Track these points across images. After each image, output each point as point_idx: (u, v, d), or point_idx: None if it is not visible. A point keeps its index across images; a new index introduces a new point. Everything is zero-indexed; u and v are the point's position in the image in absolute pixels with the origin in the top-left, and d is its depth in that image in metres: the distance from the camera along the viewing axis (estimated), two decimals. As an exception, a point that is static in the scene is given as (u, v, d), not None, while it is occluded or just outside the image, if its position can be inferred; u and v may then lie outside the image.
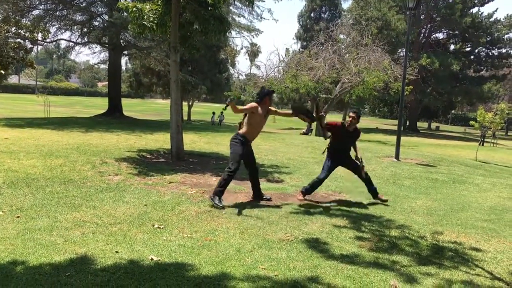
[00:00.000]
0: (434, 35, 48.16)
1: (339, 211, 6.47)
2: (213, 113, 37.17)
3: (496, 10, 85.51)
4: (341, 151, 7.24)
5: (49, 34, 24.55)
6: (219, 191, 6.31)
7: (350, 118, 7.07)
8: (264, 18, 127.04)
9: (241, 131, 6.60)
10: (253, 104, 6.57)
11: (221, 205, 6.15)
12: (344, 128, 7.11)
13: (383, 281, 3.96)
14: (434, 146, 28.59)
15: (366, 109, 76.18)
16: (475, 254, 4.93)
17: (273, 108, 6.92)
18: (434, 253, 4.88)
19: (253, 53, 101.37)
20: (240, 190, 7.50)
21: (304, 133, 30.58)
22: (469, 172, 11.78)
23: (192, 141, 13.85)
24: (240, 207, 6.31)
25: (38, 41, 26.15)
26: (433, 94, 45.61)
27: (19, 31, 24.09)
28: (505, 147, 32.96)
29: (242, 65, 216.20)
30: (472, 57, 47.23)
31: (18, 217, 5.18)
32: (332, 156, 7.26)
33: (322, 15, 52.41)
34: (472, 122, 23.16)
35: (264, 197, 6.90)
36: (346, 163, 7.28)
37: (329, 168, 7.25)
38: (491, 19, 44.52)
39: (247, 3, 20.67)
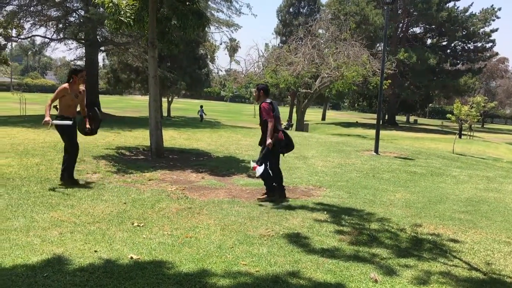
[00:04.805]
0: (411, 30, 48.69)
1: (319, 205, 6.50)
2: (201, 106, 37.04)
3: (471, 4, 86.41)
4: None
5: (24, 30, 24.00)
6: (66, 173, 6.81)
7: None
8: (243, 13, 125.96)
9: (59, 113, 6.85)
10: (61, 87, 6.86)
11: (73, 180, 6.80)
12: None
13: (363, 274, 4.00)
14: (412, 139, 28.98)
15: (346, 104, 76.76)
16: (453, 245, 5.01)
17: (82, 88, 7.05)
18: (413, 245, 4.94)
19: (233, 48, 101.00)
20: (221, 187, 7.47)
21: (285, 128, 30.64)
22: (446, 164, 11.96)
23: (172, 138, 13.75)
24: (221, 203, 6.29)
25: (12, 38, 25.53)
26: (411, 88, 46.14)
27: (-8, 27, 23.54)
28: (482, 140, 33.62)
29: (221, 61, 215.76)
30: (448, 51, 47.96)
31: (-7, 217, 5.07)
32: None
33: (301, 10, 52.37)
34: (449, 115, 23.57)
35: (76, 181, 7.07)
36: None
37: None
38: (467, 13, 45.22)
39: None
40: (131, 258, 4.08)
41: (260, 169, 6.58)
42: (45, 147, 10.01)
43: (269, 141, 6.50)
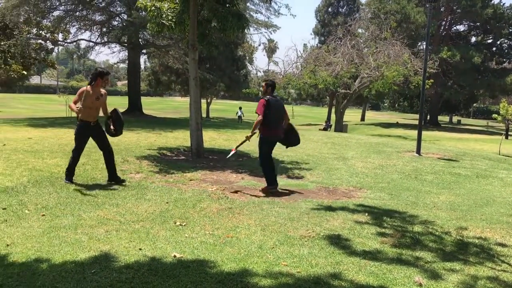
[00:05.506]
0: (454, 28, 47.32)
1: (360, 207, 6.43)
2: (240, 108, 37.39)
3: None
4: None
5: (70, 35, 24.99)
6: (67, 172, 7.02)
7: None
8: (282, 14, 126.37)
9: (79, 117, 6.89)
10: (82, 88, 6.91)
11: (67, 181, 6.91)
12: None
13: (407, 278, 3.92)
14: (456, 140, 28.18)
15: (386, 104, 75.45)
16: (501, 249, 4.85)
17: (103, 91, 7.11)
18: (458, 249, 4.81)
19: (271, 49, 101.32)
20: (260, 187, 7.49)
21: (324, 129, 30.44)
22: (492, 166, 11.57)
23: (212, 138, 13.90)
24: (261, 204, 6.32)
25: (59, 42, 26.61)
26: (454, 88, 44.83)
27: (40, 32, 24.57)
28: (530, 140, 32.27)
29: (260, 62, 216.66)
30: (494, 49, 46.30)
31: (44, 215, 5.29)
32: None
33: (340, 9, 51.93)
34: (494, 115, 22.79)
35: (121, 180, 7.20)
36: None
37: None
38: (513, 10, 43.52)
39: (264, -1, 20.64)
40: (174, 256, 4.17)
41: (231, 153, 7.79)
42: (90, 148, 10.27)
43: (249, 134, 7.18)
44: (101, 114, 7.22)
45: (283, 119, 7.33)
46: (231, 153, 7.82)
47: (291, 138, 7.55)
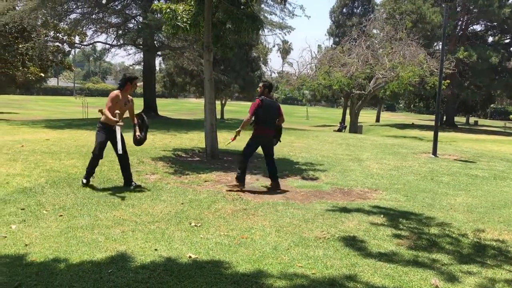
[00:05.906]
0: (471, 27, 46.72)
1: (376, 208, 6.39)
2: None
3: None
4: None
5: (86, 37, 25.32)
6: (87, 173, 6.98)
7: None
8: (296, 15, 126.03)
9: (102, 119, 6.94)
10: (114, 93, 6.88)
11: (84, 182, 6.86)
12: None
13: (423, 280, 3.89)
14: (473, 141, 27.81)
15: (401, 105, 74.78)
16: (519, 252, 4.78)
17: (130, 97, 7.10)
18: (476, 251, 4.76)
19: (285, 50, 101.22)
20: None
21: (338, 130, 30.32)
22: (510, 167, 11.39)
23: (226, 140, 13.87)
24: (276, 205, 6.32)
25: (76, 44, 26.96)
26: (471, 88, 44.25)
27: (58, 34, 24.94)
28: (549, 142, 31.71)
29: (274, 63, 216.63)
30: (511, 49, 45.60)
31: (61, 215, 5.36)
32: None
33: (355, 10, 51.66)
34: (512, 116, 22.38)
35: (133, 183, 7.05)
36: None
37: None
38: (532, 9, 42.79)
39: (279, 0, 20.62)
40: (190, 257, 4.19)
41: (229, 141, 8.09)
42: (106, 149, 10.38)
43: (238, 129, 7.54)
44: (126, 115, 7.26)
45: (277, 120, 7.59)
46: (229, 141, 8.16)
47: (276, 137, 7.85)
